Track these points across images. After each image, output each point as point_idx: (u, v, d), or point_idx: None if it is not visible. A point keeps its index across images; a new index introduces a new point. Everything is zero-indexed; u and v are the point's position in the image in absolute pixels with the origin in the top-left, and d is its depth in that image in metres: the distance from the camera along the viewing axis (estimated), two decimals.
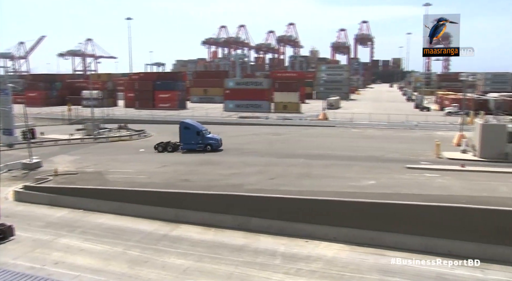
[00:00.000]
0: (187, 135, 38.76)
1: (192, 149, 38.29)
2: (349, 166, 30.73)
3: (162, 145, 39.46)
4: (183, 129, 39.13)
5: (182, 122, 40.52)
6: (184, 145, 38.89)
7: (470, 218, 19.82)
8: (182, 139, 39.07)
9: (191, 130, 38.81)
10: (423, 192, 23.40)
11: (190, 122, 41.11)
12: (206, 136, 38.76)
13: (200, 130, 38.76)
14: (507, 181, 26.01)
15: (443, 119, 62.11)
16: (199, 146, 38.26)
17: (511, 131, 32.92)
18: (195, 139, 38.42)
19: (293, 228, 21.73)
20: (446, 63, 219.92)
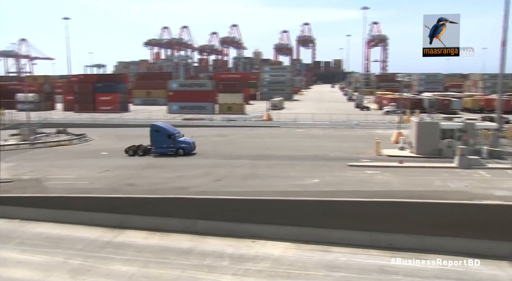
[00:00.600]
0: (158, 138, 37.35)
1: (164, 153, 37.03)
2: (293, 165, 31.25)
3: (133, 148, 38.04)
4: (153, 132, 37.67)
5: (153, 125, 39.18)
6: (155, 148, 37.54)
7: (409, 211, 20.71)
8: (153, 143, 37.68)
9: (162, 134, 37.40)
10: (365, 188, 24.25)
11: (161, 125, 39.77)
12: (177, 139, 37.46)
13: (172, 133, 37.43)
14: (441, 175, 27.52)
15: (382, 118, 64.53)
16: (171, 150, 37.00)
17: (443, 128, 34.86)
18: (166, 143, 37.07)
19: (240, 228, 21.78)
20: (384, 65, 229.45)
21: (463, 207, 20.75)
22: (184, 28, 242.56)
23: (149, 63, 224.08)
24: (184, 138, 38.22)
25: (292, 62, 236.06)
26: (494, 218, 19.96)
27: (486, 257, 18.89)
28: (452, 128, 34.89)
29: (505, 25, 36.55)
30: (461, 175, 27.81)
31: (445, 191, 23.75)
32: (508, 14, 36.12)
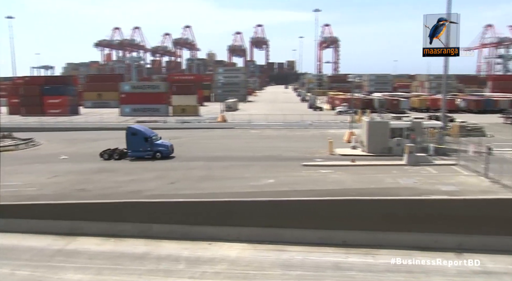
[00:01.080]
0: (134, 142, 36.18)
1: (140, 157, 35.93)
2: (248, 166, 31.36)
3: (108, 152, 36.71)
4: (130, 135, 36.49)
5: (129, 127, 38.03)
6: (131, 152, 36.42)
7: (361, 208, 21.26)
8: (129, 146, 36.55)
9: (138, 137, 36.27)
10: (319, 187, 24.69)
11: (138, 127, 38.71)
12: (155, 142, 36.45)
13: (149, 136, 36.33)
14: (391, 172, 28.47)
15: (334, 118, 65.90)
16: (148, 153, 35.97)
17: (393, 127, 36.08)
18: (143, 146, 36.00)
19: (196, 231, 21.62)
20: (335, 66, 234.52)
21: (413, 202, 21.57)
22: (136, 29, 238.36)
23: (100, 65, 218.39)
24: (161, 141, 37.27)
25: (246, 64, 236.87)
26: (441, 212, 20.87)
27: (434, 249, 19.73)
28: (400, 127, 36.16)
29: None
30: (410, 171, 28.88)
31: (395, 187, 24.58)
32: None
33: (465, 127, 47.01)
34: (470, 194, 22.88)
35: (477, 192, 23.43)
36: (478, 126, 48.63)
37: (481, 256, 19.14)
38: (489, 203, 21.36)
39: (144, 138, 36.06)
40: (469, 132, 45.68)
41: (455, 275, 17.73)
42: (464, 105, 79.46)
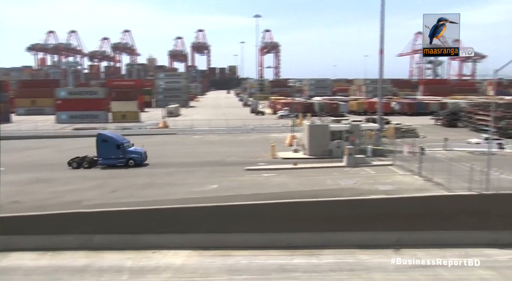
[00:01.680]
0: (105, 149, 34.48)
1: (112, 164, 34.31)
2: (192, 172, 31.11)
3: (77, 160, 34.77)
4: (100, 142, 34.73)
5: (100, 134, 36.20)
6: (102, 160, 34.70)
7: (304, 210, 21.72)
8: (100, 154, 34.78)
9: (109, 144, 34.63)
10: (263, 191, 24.94)
11: (109, 134, 36.96)
12: (127, 149, 34.98)
13: (121, 143, 34.80)
14: (332, 174, 29.31)
15: (276, 122, 66.80)
16: (120, 161, 34.46)
17: (333, 130, 37.14)
18: (115, 153, 34.42)
19: (139, 240, 21.15)
20: (276, 71, 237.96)
21: (353, 202, 22.30)
22: (72, 33, 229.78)
23: (34, 70, 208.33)
24: (134, 148, 35.92)
25: (187, 69, 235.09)
26: (379, 211, 21.74)
27: (374, 247, 20.54)
28: (340, 130, 37.29)
29: (382, 36, 40.17)
30: (350, 173, 29.86)
31: (336, 189, 25.33)
32: (383, 26, 39.77)
33: (400, 129, 49.25)
34: (406, 192, 24.02)
35: (412, 190, 24.63)
36: (412, 128, 51.10)
37: (417, 250, 20.19)
38: (423, 200, 22.53)
39: (116, 145, 34.64)
40: (404, 133, 47.90)
41: (394, 270, 18.53)
42: (399, 108, 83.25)
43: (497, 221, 21.40)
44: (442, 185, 24.86)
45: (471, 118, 59.50)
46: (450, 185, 23.77)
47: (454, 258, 19.28)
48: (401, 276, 17.97)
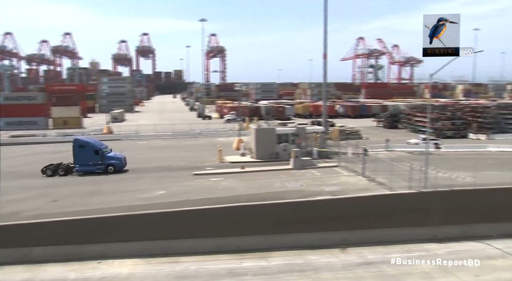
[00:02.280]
0: (83, 155, 33.06)
1: (90, 171, 32.76)
2: (138, 178, 30.46)
3: (51, 167, 32.98)
4: (77, 148, 33.29)
5: (76, 139, 34.77)
6: (80, 166, 33.10)
7: (253, 213, 21.76)
8: (77, 160, 33.17)
9: (87, 149, 33.25)
10: (211, 195, 24.83)
11: (86, 139, 35.70)
12: (106, 155, 33.57)
13: (99, 148, 33.40)
14: (279, 177, 29.67)
15: (223, 126, 66.74)
16: (99, 168, 33.05)
17: (279, 133, 37.62)
18: (93, 159, 33.02)
19: (83, 250, 20.35)
20: (223, 75, 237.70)
21: (301, 204, 22.61)
22: (7, 35, 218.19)
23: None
24: (113, 154, 34.65)
25: (132, 73, 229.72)
26: (326, 212, 22.19)
27: (322, 247, 20.93)
28: (286, 133, 37.87)
29: (325, 41, 41.21)
30: (297, 175, 30.35)
31: (284, 191, 25.67)
32: (327, 31, 40.82)
33: (344, 131, 50.70)
34: (351, 192, 24.76)
35: (357, 190, 25.41)
36: (355, 130, 52.75)
37: (362, 248, 20.78)
38: (366, 200, 23.25)
39: (94, 151, 33.42)
40: (348, 135, 49.34)
41: (341, 269, 18.96)
42: (343, 111, 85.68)
43: (436, 217, 22.48)
44: (385, 184, 25.81)
45: (410, 120, 62.29)
46: (391, 184, 24.70)
47: (398, 254, 20.06)
48: (348, 274, 18.41)
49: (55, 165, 33.75)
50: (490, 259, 19.63)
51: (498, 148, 43.66)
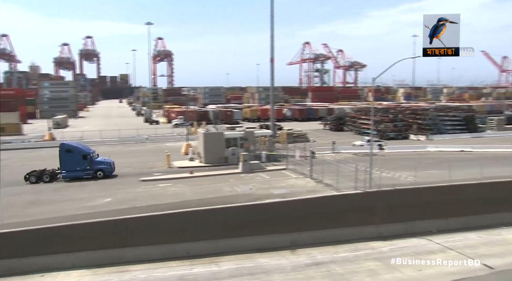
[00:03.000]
0: (70, 160, 31.79)
1: (78, 177, 31.30)
2: (83, 186, 29.48)
3: (35, 174, 31.25)
4: (64, 153, 31.74)
5: (63, 144, 33.11)
6: (67, 172, 31.48)
7: (202, 219, 21.64)
8: (63, 166, 31.54)
9: (75, 154, 32.05)
10: (159, 201, 24.41)
11: (74, 144, 34.14)
12: (95, 160, 32.18)
13: (87, 153, 31.97)
14: (228, 181, 29.68)
15: (171, 131, 65.77)
16: (87, 173, 31.64)
17: (227, 138, 37.64)
18: (81, 164, 31.71)
19: (24, 264, 19.39)
20: (170, 79, 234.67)
21: (250, 207, 22.73)
22: None
23: None
24: (102, 158, 33.42)
25: (75, 77, 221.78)
26: (275, 214, 22.44)
27: (272, 249, 21.16)
28: (235, 137, 37.96)
29: (272, 45, 41.77)
30: (246, 179, 30.47)
31: (233, 195, 25.69)
32: (273, 36, 41.38)
33: (292, 134, 51.44)
34: (299, 194, 25.13)
35: (305, 192, 25.86)
36: (303, 133, 53.67)
37: (311, 249, 21.21)
38: (315, 201, 23.70)
39: (82, 156, 32.21)
40: (295, 138, 50.14)
41: (291, 270, 19.22)
42: (290, 114, 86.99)
43: (381, 216, 23.33)
44: (332, 185, 26.43)
45: (355, 123, 64.21)
46: (338, 185, 25.33)
47: (345, 253, 20.65)
48: (298, 275, 18.70)
49: (39, 171, 32.51)
50: (431, 254, 20.62)
51: (436, 148, 45.92)
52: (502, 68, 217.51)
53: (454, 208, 24.89)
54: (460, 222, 24.82)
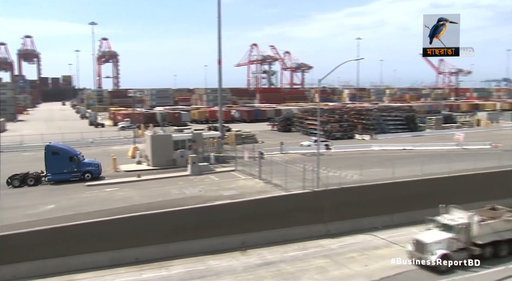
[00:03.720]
0: (56, 162, 31.34)
1: (64, 179, 30.24)
2: (23, 193, 28.19)
3: (19, 177, 29.85)
4: (50, 155, 31.37)
5: (49, 146, 31.89)
6: (52, 175, 30.25)
7: (151, 223, 21.26)
8: (49, 168, 31.28)
9: (61, 156, 31.57)
10: (106, 207, 23.80)
11: (60, 146, 33.12)
12: (83, 162, 31.22)
13: (75, 154, 31.06)
14: (177, 183, 29.39)
15: (117, 134, 64.21)
16: (75, 175, 30.78)
17: (175, 140, 37.24)
18: (68, 167, 31.45)
19: None
20: (116, 81, 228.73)
21: (200, 210, 22.60)
22: None
23: None
24: (88, 160, 32.62)
25: (13, 79, 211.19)
26: (225, 216, 22.44)
27: (222, 251, 21.15)
28: (183, 139, 37.63)
29: (220, 47, 41.75)
30: (195, 181, 30.28)
31: (182, 198, 25.46)
32: (221, 37, 41.36)
33: (240, 136, 51.65)
34: (248, 195, 25.30)
35: (254, 193, 26.06)
36: (251, 134, 54.02)
37: (262, 249, 21.40)
38: (264, 201, 23.93)
39: (69, 157, 31.38)
40: (244, 140, 50.39)
41: (242, 271, 19.29)
42: (238, 115, 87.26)
43: (328, 214, 23.90)
44: (280, 185, 26.79)
45: (302, 123, 65.39)
46: (287, 185, 25.72)
47: (295, 252, 20.97)
48: (249, 276, 18.79)
49: (22, 174, 31.35)
50: (377, 249, 21.38)
51: (380, 147, 47.66)
52: (439, 71, 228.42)
53: (397, 204, 25.97)
54: (404, 217, 25.90)
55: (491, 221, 20.38)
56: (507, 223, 20.66)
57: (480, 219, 20.10)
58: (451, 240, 19.33)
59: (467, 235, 19.71)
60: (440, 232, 19.83)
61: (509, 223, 20.68)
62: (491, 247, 20.02)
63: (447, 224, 19.87)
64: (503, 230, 20.42)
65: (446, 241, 19.30)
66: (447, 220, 20.11)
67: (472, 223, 19.83)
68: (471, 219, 19.88)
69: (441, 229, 19.93)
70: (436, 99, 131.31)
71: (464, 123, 75.01)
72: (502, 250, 20.32)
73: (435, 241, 19.26)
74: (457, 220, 20.03)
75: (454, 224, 19.69)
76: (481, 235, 19.81)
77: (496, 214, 21.49)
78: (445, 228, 19.84)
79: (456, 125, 71.65)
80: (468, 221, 19.85)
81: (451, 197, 27.37)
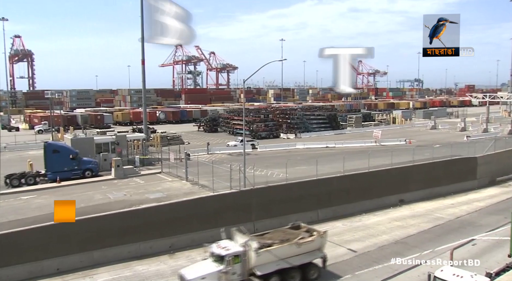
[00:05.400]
0: (57, 161, 31.21)
1: (65, 178, 30.72)
2: None
3: (16, 176, 30.53)
4: (50, 153, 31.36)
5: (49, 144, 32.82)
6: (52, 173, 30.80)
7: (72, 230, 20.20)
8: (50, 167, 31.09)
9: (62, 154, 31.65)
10: (22, 216, 22.27)
11: (61, 144, 34.56)
12: (83, 160, 32.45)
13: (76, 153, 32.07)
14: (100, 188, 28.27)
15: (34, 138, 60.45)
16: (75, 173, 31.74)
17: (98, 143, 35.88)
18: (69, 164, 31.58)
19: None
20: (31, 81, 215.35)
21: (125, 214, 21.94)
22: None
23: None
24: (87, 158, 33.27)
25: None
26: (152, 219, 22.02)
27: (150, 255, 20.76)
28: (106, 142, 36.37)
29: (143, 47, 40.81)
30: (119, 185, 29.32)
31: (106, 203, 24.53)
32: (144, 37, 40.38)
33: (166, 137, 50.78)
34: (175, 197, 24.95)
35: (181, 195, 25.75)
36: (177, 135, 53.32)
37: (190, 251, 21.29)
38: (191, 203, 23.78)
39: (70, 156, 31.82)
40: (170, 141, 49.57)
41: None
42: (164, 116, 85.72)
43: (256, 212, 24.25)
44: (208, 186, 26.71)
45: (228, 123, 65.68)
46: (214, 186, 25.68)
47: None
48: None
49: (19, 173, 31.29)
50: None
51: (304, 145, 49.12)
52: (358, 72, 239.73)
53: (322, 200, 27.00)
54: (329, 212, 27.02)
55: (273, 247, 17.52)
56: (297, 247, 17.97)
57: (260, 245, 17.16)
58: (221, 274, 16.38)
59: (243, 266, 16.82)
60: (212, 263, 16.86)
61: (301, 247, 18.05)
62: (278, 277, 17.38)
63: (218, 254, 16.77)
64: (292, 255, 17.77)
65: (214, 275, 16.31)
66: (219, 249, 16.98)
67: (249, 251, 16.92)
68: (246, 246, 16.98)
69: (214, 259, 16.95)
70: (356, 98, 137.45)
71: (382, 121, 79.41)
72: (294, 278, 17.82)
73: (199, 276, 16.25)
74: (231, 247, 17.06)
75: (225, 254, 16.60)
76: (262, 264, 17.02)
77: (292, 235, 18.78)
78: (216, 259, 16.84)
79: (374, 123, 75.59)
80: (243, 249, 16.96)
81: (371, 190, 29.22)
